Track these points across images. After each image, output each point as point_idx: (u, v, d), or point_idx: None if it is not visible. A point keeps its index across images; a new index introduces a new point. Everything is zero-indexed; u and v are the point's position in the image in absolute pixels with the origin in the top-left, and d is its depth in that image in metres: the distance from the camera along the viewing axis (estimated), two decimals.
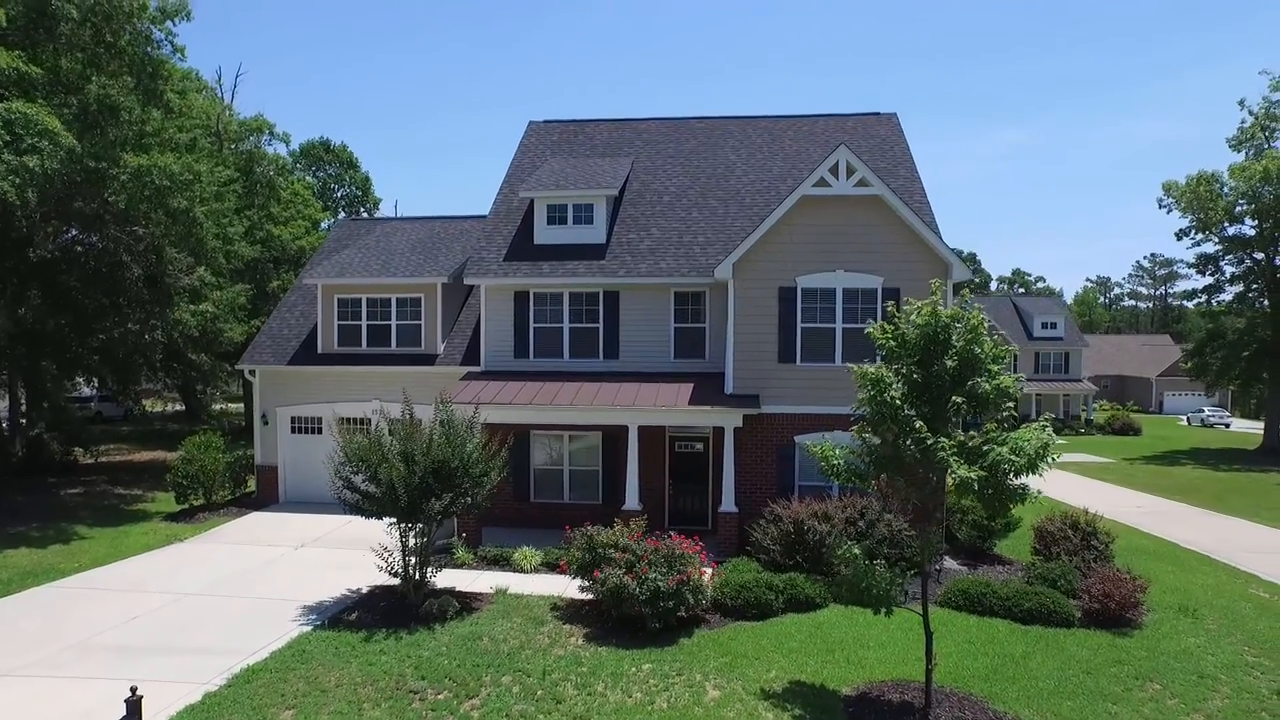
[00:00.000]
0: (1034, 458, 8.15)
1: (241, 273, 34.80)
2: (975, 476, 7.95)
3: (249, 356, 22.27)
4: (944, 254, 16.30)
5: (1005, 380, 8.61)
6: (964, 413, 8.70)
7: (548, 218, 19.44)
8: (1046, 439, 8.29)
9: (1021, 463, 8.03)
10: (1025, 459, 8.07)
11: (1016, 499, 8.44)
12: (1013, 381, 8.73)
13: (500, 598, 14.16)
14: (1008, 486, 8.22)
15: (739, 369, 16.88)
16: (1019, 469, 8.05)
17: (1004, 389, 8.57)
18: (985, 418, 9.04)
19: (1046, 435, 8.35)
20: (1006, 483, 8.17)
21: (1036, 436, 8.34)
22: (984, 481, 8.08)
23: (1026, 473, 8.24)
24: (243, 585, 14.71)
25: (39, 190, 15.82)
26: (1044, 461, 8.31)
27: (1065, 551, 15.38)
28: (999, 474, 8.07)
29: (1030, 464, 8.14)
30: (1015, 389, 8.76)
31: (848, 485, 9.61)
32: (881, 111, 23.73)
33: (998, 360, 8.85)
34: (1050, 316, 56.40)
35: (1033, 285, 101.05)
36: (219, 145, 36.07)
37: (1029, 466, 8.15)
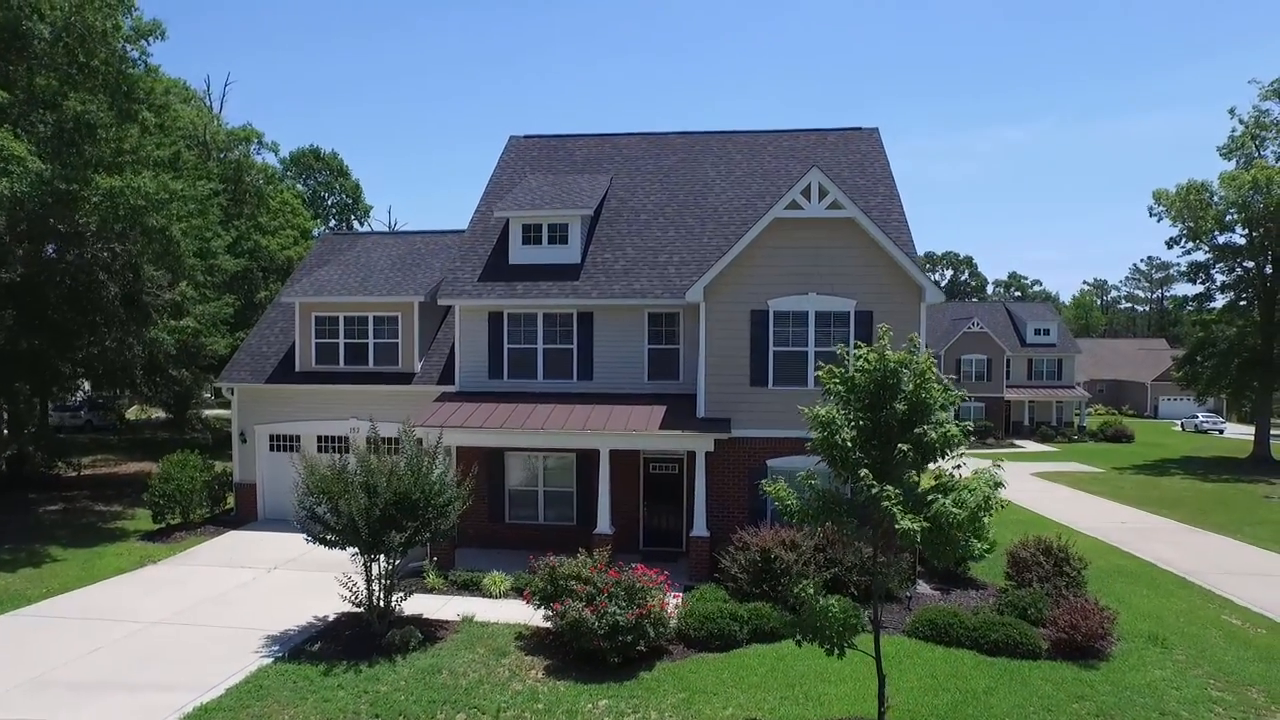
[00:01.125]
0: (976, 511, 8.05)
1: (229, 284, 34.78)
2: (918, 528, 7.86)
3: (227, 374, 22.22)
4: (917, 277, 16.22)
5: (952, 429, 8.52)
6: (910, 461, 8.60)
7: (523, 237, 19.38)
8: (989, 493, 8.18)
9: (963, 515, 7.94)
10: (967, 512, 7.97)
11: (961, 551, 8.34)
12: (960, 430, 8.64)
13: (466, 626, 14.10)
14: (953, 538, 8.12)
15: (711, 392, 16.81)
16: (960, 522, 7.96)
17: (950, 437, 8.48)
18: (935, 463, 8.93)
19: (989, 489, 8.24)
20: (951, 534, 8.07)
21: (981, 488, 8.23)
22: (927, 533, 8.00)
23: (969, 527, 8.14)
24: (210, 612, 14.65)
25: (8, 213, 15.77)
26: (987, 513, 8.21)
27: (1037, 578, 15.28)
28: (942, 525, 7.98)
29: (972, 517, 8.05)
30: (962, 437, 8.67)
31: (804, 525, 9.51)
32: (863, 126, 23.65)
33: (946, 406, 8.77)
34: (1043, 323, 56.28)
35: (1029, 289, 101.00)
36: (206, 155, 36.06)
37: (971, 520, 8.05)
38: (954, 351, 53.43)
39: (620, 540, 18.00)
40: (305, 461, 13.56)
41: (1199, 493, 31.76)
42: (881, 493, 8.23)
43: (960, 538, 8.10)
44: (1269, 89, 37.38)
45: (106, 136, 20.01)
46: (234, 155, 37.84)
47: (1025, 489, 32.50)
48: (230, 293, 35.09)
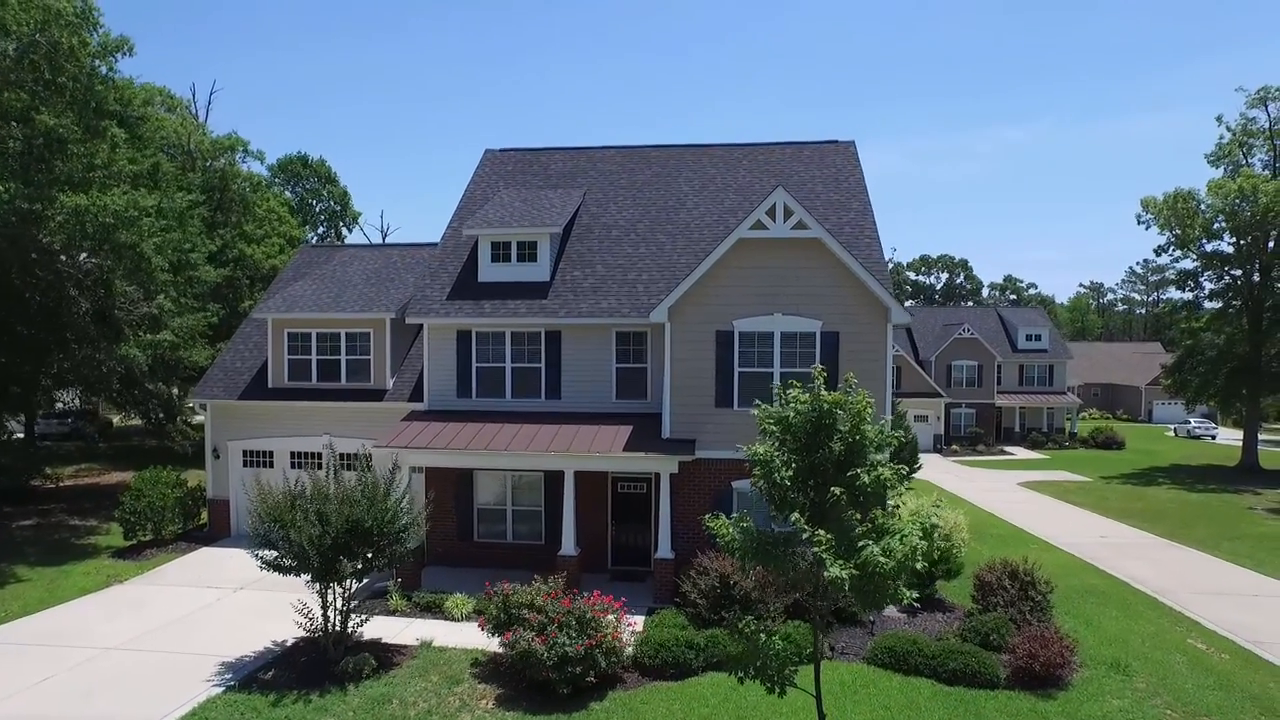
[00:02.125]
0: (902, 562, 7.94)
1: (214, 293, 34.72)
2: (846, 576, 7.76)
3: (201, 390, 22.17)
4: (883, 298, 16.13)
5: (885, 472, 8.42)
6: (844, 505, 8.50)
7: (491, 255, 19.30)
8: (917, 543, 8.06)
9: (890, 565, 7.83)
10: (894, 562, 7.86)
11: (890, 599, 8.23)
12: (893, 473, 8.54)
13: (424, 651, 14.03)
14: (882, 586, 8.01)
15: (676, 413, 16.73)
16: (888, 572, 7.85)
17: (883, 481, 8.37)
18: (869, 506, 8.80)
19: (917, 540, 8.11)
20: (880, 582, 7.95)
21: (912, 536, 8.10)
22: (855, 580, 7.89)
23: (898, 575, 8.02)
24: (169, 637, 14.59)
25: None
26: (914, 562, 8.10)
27: (1002, 602, 15.18)
28: (871, 573, 7.88)
29: (899, 568, 7.94)
30: (896, 480, 8.57)
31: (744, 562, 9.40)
32: (840, 140, 23.56)
33: (882, 448, 8.67)
34: (1035, 328, 56.12)
35: (1024, 292, 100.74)
36: (191, 164, 36.01)
37: (898, 570, 7.94)
38: (945, 357, 53.30)
39: (589, 559, 17.95)
40: (259, 487, 13.50)
41: (1184, 504, 31.63)
42: (813, 537, 8.14)
43: (890, 586, 8.00)
44: (1255, 96, 37.25)
45: (78, 152, 19.96)
46: (220, 164, 37.77)
47: (1009, 499, 32.42)
48: (215, 302, 35.08)
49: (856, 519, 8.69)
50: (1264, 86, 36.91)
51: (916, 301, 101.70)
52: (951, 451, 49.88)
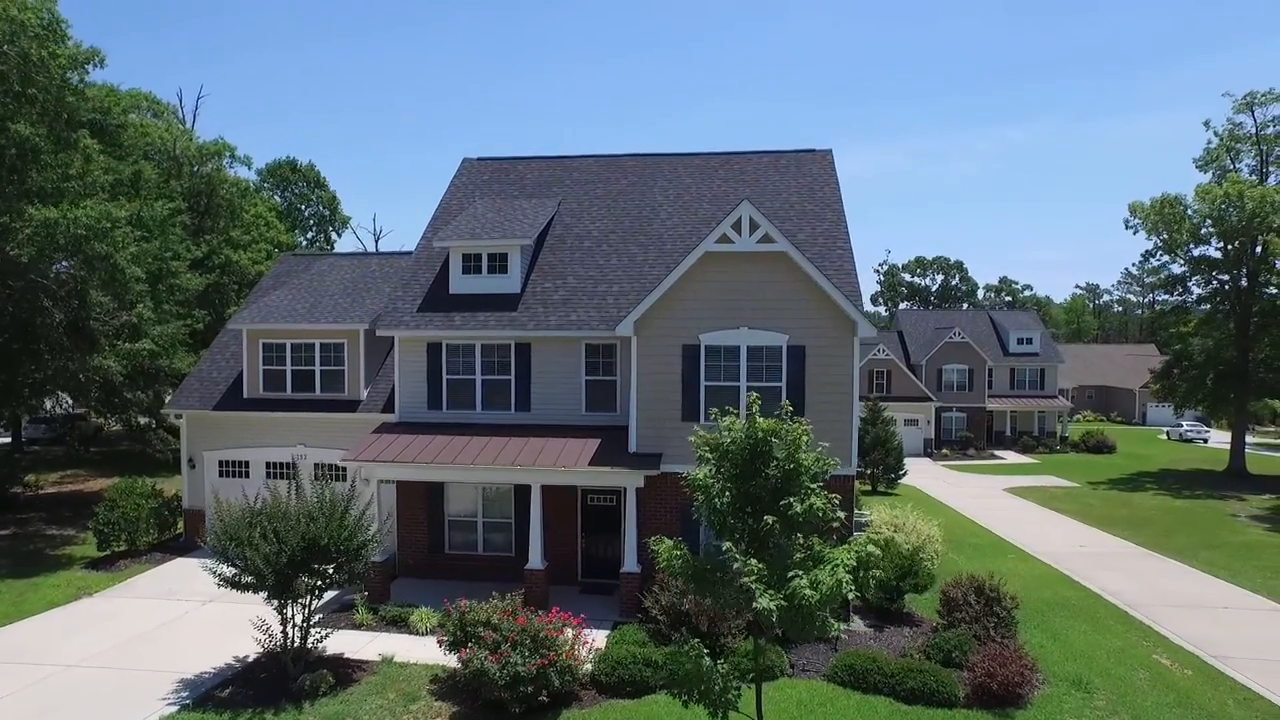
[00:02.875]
0: (827, 595, 7.90)
1: (200, 299, 34.73)
2: (774, 607, 7.72)
3: (177, 400, 22.18)
4: (850, 311, 16.09)
5: (816, 501, 8.39)
6: (778, 533, 8.47)
7: (463, 267, 19.29)
8: (843, 577, 8.00)
9: (816, 598, 7.80)
10: (819, 595, 7.83)
11: (818, 632, 8.18)
12: (825, 502, 8.50)
13: (384, 667, 14.04)
14: (811, 617, 7.96)
15: (642, 427, 16.71)
16: (814, 604, 7.81)
17: (814, 509, 8.34)
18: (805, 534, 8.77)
19: (844, 573, 8.05)
20: (809, 613, 7.91)
21: (836, 571, 8.04)
22: (784, 611, 7.86)
23: (824, 607, 7.98)
24: (131, 653, 14.59)
25: None
26: (842, 594, 8.06)
27: (966, 618, 15.14)
28: (797, 605, 7.84)
29: (824, 601, 7.90)
30: (829, 510, 8.53)
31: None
32: (817, 148, 23.52)
33: (818, 477, 8.63)
34: (1026, 331, 56.04)
35: (1020, 293, 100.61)
36: (177, 170, 36.02)
37: (823, 603, 7.91)
38: (936, 361, 53.26)
39: (558, 572, 17.93)
40: (218, 504, 13.50)
41: (1167, 511, 31.58)
42: (745, 566, 8.11)
43: (817, 618, 7.97)
44: (1242, 102, 37.16)
45: (51, 163, 19.97)
46: (206, 169, 37.79)
47: (994, 506, 32.39)
48: (201, 308, 35.10)
49: (799, 545, 8.67)
50: (1250, 92, 36.86)
51: (912, 304, 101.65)
52: (942, 455, 49.82)
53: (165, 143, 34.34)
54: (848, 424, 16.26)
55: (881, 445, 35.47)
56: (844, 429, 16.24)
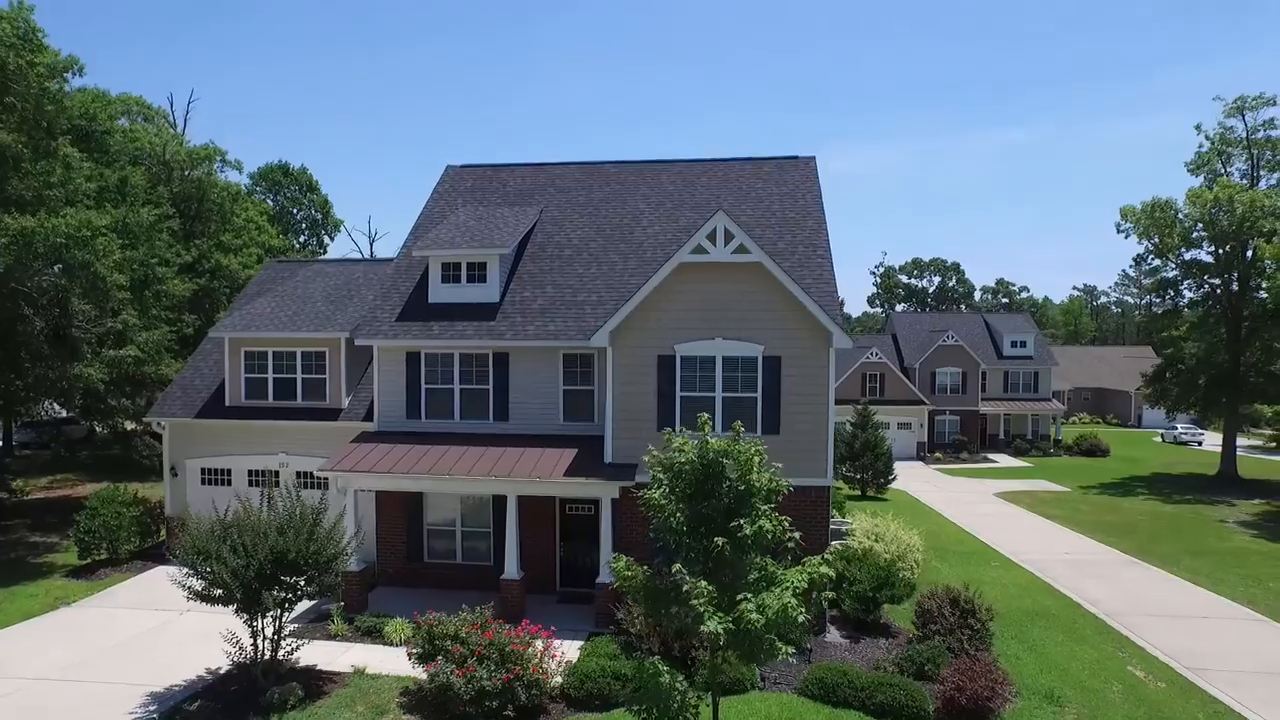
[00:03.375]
0: (772, 620, 7.87)
1: (191, 303, 34.74)
2: (721, 630, 7.70)
3: (159, 408, 22.18)
4: (825, 322, 16.06)
5: (766, 524, 8.36)
6: (728, 555, 8.44)
7: (442, 276, 19.29)
8: (787, 601, 7.97)
9: (761, 622, 7.77)
10: (764, 620, 7.80)
11: (766, 655, 8.15)
12: (774, 524, 8.48)
13: (355, 679, 14.02)
14: (758, 640, 7.93)
15: (618, 438, 16.69)
16: (760, 629, 7.78)
17: (763, 532, 8.32)
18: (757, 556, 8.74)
19: (789, 598, 8.02)
20: (757, 636, 7.87)
21: (782, 595, 8.01)
22: (731, 634, 7.84)
23: (772, 630, 7.95)
24: (102, 666, 14.57)
25: None
26: (791, 616, 8.03)
27: (940, 630, 15.12)
28: (744, 629, 7.81)
29: (768, 626, 7.88)
30: (779, 532, 8.51)
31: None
32: (800, 155, 23.50)
33: (770, 497, 8.61)
34: (1020, 335, 55.98)
35: (1016, 295, 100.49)
36: (168, 174, 36.03)
37: (768, 628, 7.88)
38: (929, 364, 53.20)
39: (536, 581, 17.92)
40: (190, 516, 13.50)
41: (1156, 517, 31.53)
42: (694, 588, 8.09)
43: (764, 642, 7.95)
44: (1233, 106, 37.09)
45: (32, 170, 19.98)
46: (197, 173, 37.78)
47: (982, 512, 32.35)
48: (191, 313, 35.10)
49: (755, 565, 8.65)
50: (1241, 96, 36.79)
51: (909, 305, 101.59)
52: (935, 459, 49.78)
53: (155, 147, 34.36)
54: (823, 435, 16.24)
55: (871, 450, 35.45)
56: (819, 440, 16.23)
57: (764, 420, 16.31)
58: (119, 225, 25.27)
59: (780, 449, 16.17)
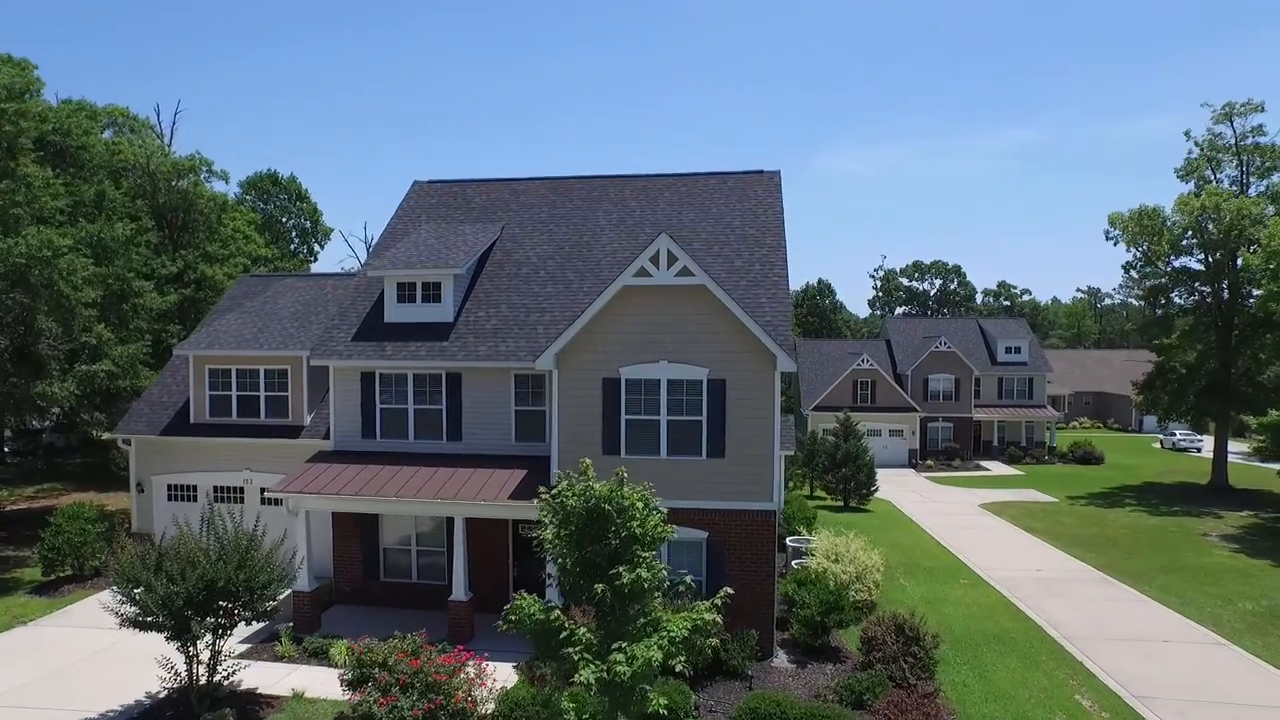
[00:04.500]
0: (640, 673, 7.80)
1: (176, 314, 34.99)
2: (593, 680, 7.64)
3: (125, 424, 22.35)
4: (769, 345, 15.92)
5: (643, 572, 8.28)
6: (609, 602, 8.38)
7: (397, 296, 19.32)
8: (652, 655, 7.87)
9: (628, 674, 7.71)
10: (631, 670, 7.73)
11: (638, 707, 8.08)
12: (651, 574, 8.39)
13: (292, 704, 14.08)
14: (629, 691, 7.86)
15: (564, 460, 16.57)
16: (628, 681, 7.71)
17: (640, 580, 8.24)
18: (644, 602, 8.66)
19: (654, 651, 7.93)
20: (629, 688, 7.80)
21: (647, 649, 7.93)
22: (603, 684, 7.78)
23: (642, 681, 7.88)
24: (44, 689, 14.68)
25: None
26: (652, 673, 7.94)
27: (883, 658, 14.98)
28: (612, 679, 7.74)
29: (634, 678, 7.80)
30: (655, 581, 8.43)
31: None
32: (765, 169, 23.38)
33: (653, 544, 8.53)
34: (1014, 340, 55.49)
35: (1018, 298, 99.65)
36: (153, 185, 36.29)
37: (637, 678, 7.80)
38: (921, 371, 52.85)
39: (489, 601, 17.81)
40: (120, 544, 13.57)
41: (1138, 530, 31.16)
42: (571, 636, 8.04)
43: (637, 691, 7.88)
44: (1220, 112, 36.60)
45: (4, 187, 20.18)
46: (183, 184, 38.03)
47: (963, 524, 32.08)
48: (177, 323, 35.36)
49: (646, 612, 8.58)
50: (1229, 102, 36.29)
51: (910, 308, 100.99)
52: (926, 467, 49.46)
53: (139, 159, 34.63)
54: (768, 458, 16.14)
55: (852, 461, 35.24)
56: (764, 463, 16.13)
57: (709, 444, 16.23)
58: (93, 239, 25.49)
59: (725, 472, 16.25)
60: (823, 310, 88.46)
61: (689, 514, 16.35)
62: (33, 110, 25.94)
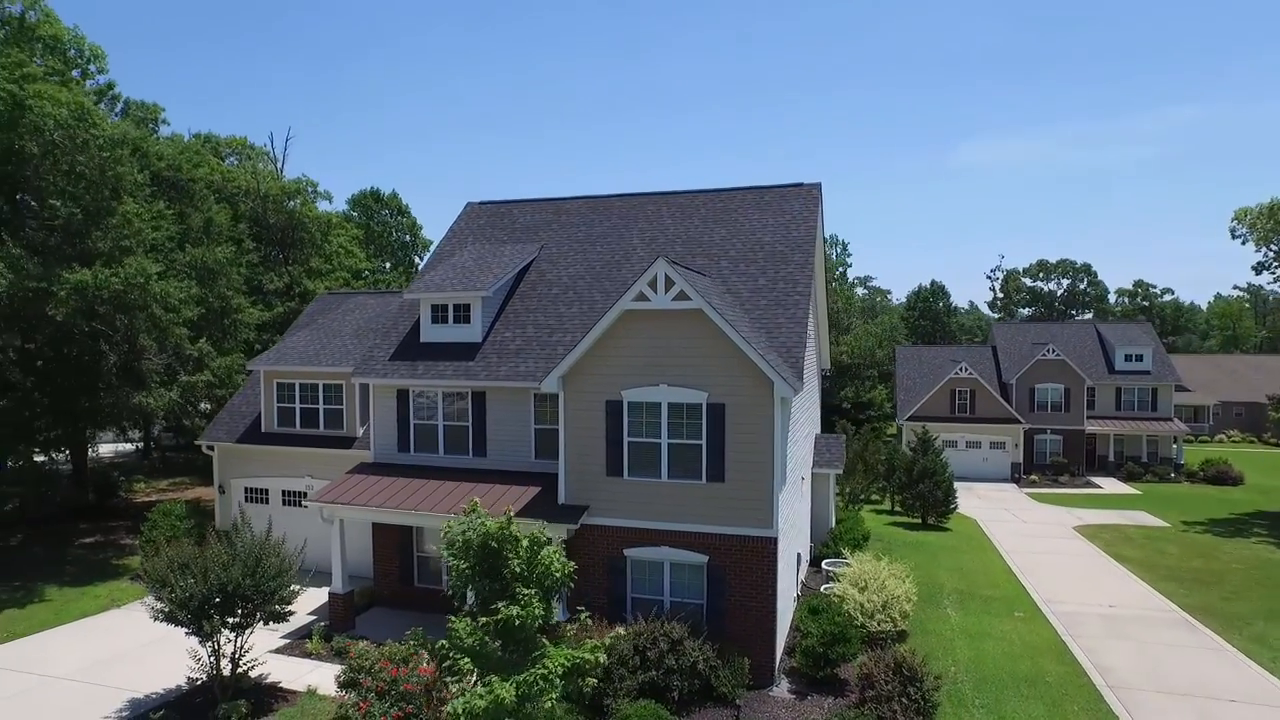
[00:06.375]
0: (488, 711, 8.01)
1: (279, 324, 38.30)
2: (462, 711, 7.97)
3: (209, 433, 24.81)
4: (765, 370, 15.64)
5: (515, 610, 8.49)
6: (493, 636, 8.67)
7: (432, 317, 20.37)
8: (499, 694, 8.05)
9: (482, 706, 7.95)
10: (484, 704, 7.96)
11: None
12: (526, 611, 8.58)
13: (305, 700, 15.25)
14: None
15: (570, 480, 17.06)
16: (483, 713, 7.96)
17: (511, 619, 8.45)
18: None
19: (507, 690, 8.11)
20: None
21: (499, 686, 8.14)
22: (470, 715, 8.07)
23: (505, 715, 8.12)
24: (110, 669, 16.67)
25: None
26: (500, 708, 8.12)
27: (877, 697, 14.41)
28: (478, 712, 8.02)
29: (487, 713, 8.03)
30: (530, 619, 8.61)
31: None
32: (805, 182, 22.82)
33: (540, 583, 8.74)
34: (1136, 347, 50.67)
35: (1156, 298, 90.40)
36: (264, 207, 39.89)
37: (488, 714, 8.03)
38: (1027, 380, 49.37)
39: None
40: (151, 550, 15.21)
41: (1256, 566, 27.84)
42: (455, 663, 8.40)
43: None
44: None
45: (112, 224, 23.01)
46: (292, 205, 41.55)
47: (1045, 549, 29.86)
48: (279, 333, 38.68)
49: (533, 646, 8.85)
50: None
51: (1033, 309, 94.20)
52: (1030, 482, 46.24)
53: (250, 184, 38.24)
54: (767, 484, 15.86)
55: (929, 476, 33.59)
56: (763, 489, 15.87)
57: (709, 468, 16.15)
58: (196, 263, 28.43)
59: (725, 497, 16.12)
60: (935, 313, 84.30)
61: (689, 537, 16.38)
62: (151, 150, 29.43)
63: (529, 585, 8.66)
